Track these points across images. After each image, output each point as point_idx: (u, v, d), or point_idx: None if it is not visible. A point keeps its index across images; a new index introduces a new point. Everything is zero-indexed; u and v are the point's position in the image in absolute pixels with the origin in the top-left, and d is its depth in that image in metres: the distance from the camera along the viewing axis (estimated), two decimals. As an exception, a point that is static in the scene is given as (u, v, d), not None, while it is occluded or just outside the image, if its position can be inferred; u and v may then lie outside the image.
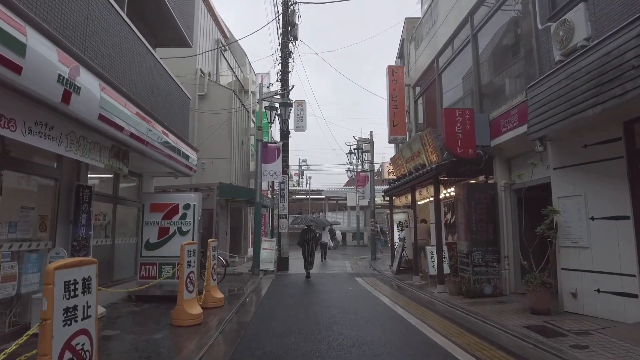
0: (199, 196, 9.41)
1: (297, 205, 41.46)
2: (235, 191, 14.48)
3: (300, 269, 14.68)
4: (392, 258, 13.97)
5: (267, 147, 13.84)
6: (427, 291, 9.51)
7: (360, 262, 18.49)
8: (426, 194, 10.99)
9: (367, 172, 20.33)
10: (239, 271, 13.65)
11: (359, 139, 19.84)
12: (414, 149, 11.67)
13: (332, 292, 9.70)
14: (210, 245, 8.18)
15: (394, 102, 15.24)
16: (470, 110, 9.16)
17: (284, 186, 14.67)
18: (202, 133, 15.44)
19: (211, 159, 15.42)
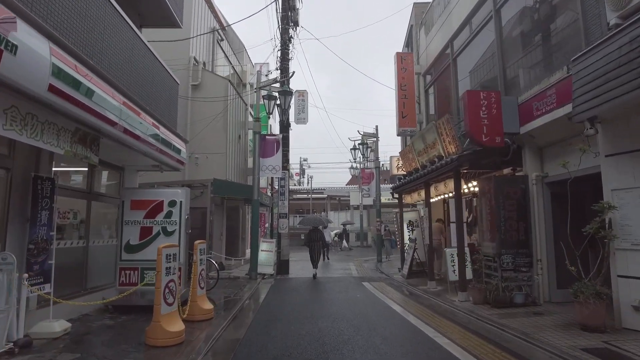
0: (187, 192, 8.29)
1: (298, 204, 40.36)
2: (231, 188, 13.36)
3: (301, 273, 13.55)
4: (402, 261, 12.83)
5: (266, 139, 12.71)
6: (447, 299, 8.36)
7: (365, 264, 17.34)
8: (443, 189, 9.84)
9: (373, 169, 19.18)
10: (235, 275, 12.52)
11: (363, 133, 18.71)
12: (428, 140, 10.52)
13: (338, 301, 8.56)
14: (197, 247, 7.04)
15: (403, 91, 14.10)
16: (496, 92, 8.01)
17: (284, 183, 13.54)
18: (196, 125, 14.32)
19: (205, 153, 14.29)
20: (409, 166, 12.56)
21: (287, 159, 13.71)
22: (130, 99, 6.63)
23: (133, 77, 7.43)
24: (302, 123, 16.14)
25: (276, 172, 12.44)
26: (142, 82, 7.86)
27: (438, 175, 9.42)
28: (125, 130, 6.25)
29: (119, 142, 6.40)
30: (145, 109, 7.28)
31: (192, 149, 14.34)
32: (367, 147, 18.92)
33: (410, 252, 12.10)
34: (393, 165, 13.96)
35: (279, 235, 13.61)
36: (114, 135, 6.04)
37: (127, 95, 6.48)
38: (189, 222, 8.32)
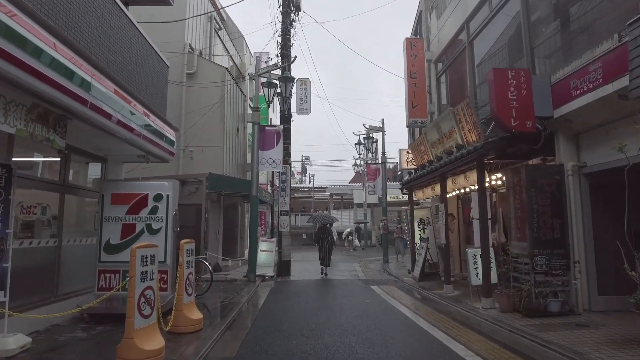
0: (174, 185, 7.34)
1: (300, 203, 39.45)
2: (228, 183, 12.41)
3: (304, 275, 12.61)
4: (412, 261, 11.87)
5: (265, 130, 11.75)
6: (468, 306, 7.40)
7: (371, 265, 16.38)
8: (463, 183, 8.86)
9: (379, 165, 18.22)
10: (232, 277, 11.56)
11: (369, 127, 17.73)
12: (443, 128, 9.55)
13: (346, 308, 7.60)
14: (183, 248, 6.08)
15: (413, 80, 13.13)
16: (526, 70, 7.04)
17: (285, 178, 12.58)
18: (191, 117, 13.38)
19: (201, 146, 13.35)
20: (420, 159, 11.59)
21: (288, 153, 12.76)
22: (105, 73, 5.68)
23: (111, 53, 6.48)
24: (304, 114, 15.17)
25: (276, 166, 11.49)
26: (123, 59, 6.91)
27: (457, 166, 8.45)
28: (98, 109, 5.30)
29: (92, 124, 5.46)
30: (126, 87, 6.33)
31: (186, 142, 13.43)
32: (372, 141, 17.95)
33: (422, 252, 11.13)
34: (402, 159, 13.00)
35: (279, 234, 12.66)
36: (84, 115, 5.10)
37: (101, 69, 5.53)
38: (178, 218, 7.37)
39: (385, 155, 17.83)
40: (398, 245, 16.96)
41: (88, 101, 5.01)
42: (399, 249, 16.89)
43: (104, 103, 5.43)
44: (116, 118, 5.79)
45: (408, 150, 12.99)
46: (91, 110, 5.11)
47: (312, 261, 17.75)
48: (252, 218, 11.39)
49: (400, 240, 16.72)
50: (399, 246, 16.86)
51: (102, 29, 6.14)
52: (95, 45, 5.90)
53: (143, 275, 4.77)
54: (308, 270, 14.20)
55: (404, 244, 15.56)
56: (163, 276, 6.89)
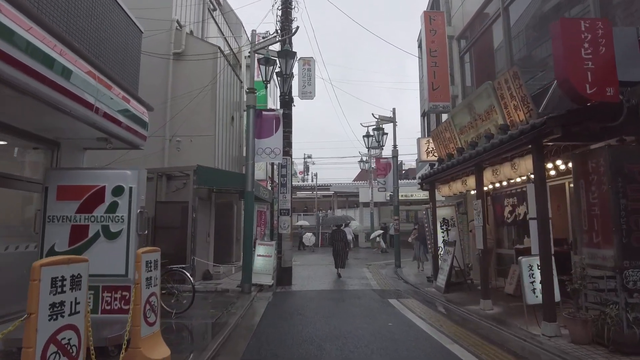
0: (140, 175, 5.65)
1: (302, 202, 37.70)
2: (220, 177, 10.70)
3: (307, 283, 10.93)
4: (434, 269, 10.13)
5: (263, 115, 10.05)
6: (522, 331, 5.68)
7: (382, 270, 14.65)
8: (509, 173, 7.07)
9: (389, 159, 16.49)
10: (224, 287, 9.86)
11: (379, 117, 16.00)
12: (478, 108, 7.84)
13: (363, 336, 5.87)
14: (140, 259, 4.36)
15: (433, 58, 11.41)
16: (605, 21, 5.32)
17: (286, 171, 10.88)
18: (178, 102, 11.68)
19: (189, 136, 11.65)
20: (444, 149, 9.87)
21: (289, 143, 11.05)
22: (45, 26, 4.00)
23: (57, 6, 4.79)
24: (308, 98, 13.41)
25: (275, 156, 9.78)
26: (76, 14, 5.22)
27: (499, 153, 6.72)
28: (34, 72, 3.63)
29: (18, 88, 3.77)
30: (74, 46, 4.64)
31: (173, 131, 11.73)
32: (382, 133, 16.21)
33: (447, 258, 9.40)
34: (421, 149, 11.29)
35: (279, 236, 10.96)
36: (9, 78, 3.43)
37: (36, 19, 3.84)
38: (145, 218, 5.68)
39: (397, 148, 16.11)
40: (417, 251, 13.70)
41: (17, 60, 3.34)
42: (419, 254, 13.54)
43: (37, 62, 3.76)
44: (56, 82, 4.11)
45: (428, 139, 11.28)
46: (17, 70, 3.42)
47: (316, 265, 16.05)
48: (247, 218, 9.68)
49: (419, 244, 13.58)
50: (418, 251, 13.59)
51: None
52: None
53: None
54: (312, 277, 12.49)
55: (424, 249, 13.04)
56: (124, 294, 5.26)
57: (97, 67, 5.34)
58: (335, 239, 13.23)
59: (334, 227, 13.94)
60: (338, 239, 13.14)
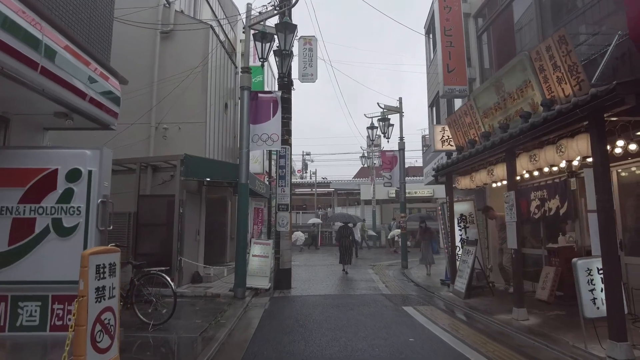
0: (103, 155, 4.52)
1: (301, 200, 36.63)
2: (210, 168, 9.55)
3: (308, 287, 9.83)
4: (451, 270, 9.02)
5: (259, 98, 8.92)
6: (579, 351, 4.57)
7: (388, 271, 13.54)
8: (554, 158, 5.87)
9: (395, 152, 15.38)
10: (215, 292, 8.73)
11: (384, 106, 14.89)
12: (508, 85, 6.74)
13: (380, 356, 4.75)
14: (87, 262, 3.19)
15: (448, 38, 10.29)
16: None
17: (285, 162, 9.75)
18: (165, 86, 10.52)
19: (177, 123, 10.51)
20: (463, 136, 8.76)
21: (288, 130, 9.92)
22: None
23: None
24: (309, 81, 12.24)
25: (273, 144, 8.64)
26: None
27: (542, 134, 5.60)
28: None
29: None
30: None
31: (159, 117, 10.59)
32: (388, 124, 15.09)
33: (467, 259, 8.29)
34: (435, 138, 10.17)
35: (277, 234, 9.82)
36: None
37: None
38: (109, 210, 4.56)
39: (404, 140, 15.00)
40: (426, 252, 12.00)
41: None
42: (427, 256, 11.93)
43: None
44: None
45: (442, 127, 10.17)
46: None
47: (317, 266, 14.93)
48: (241, 214, 8.55)
49: (427, 245, 11.97)
50: (426, 253, 11.94)
51: None
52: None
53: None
54: (313, 279, 11.37)
55: (433, 249, 11.99)
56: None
57: (48, 19, 4.19)
58: (342, 236, 13.28)
59: (341, 224, 13.90)
60: (345, 235, 13.17)
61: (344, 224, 13.91)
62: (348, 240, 13.18)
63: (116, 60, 10.49)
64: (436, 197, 25.40)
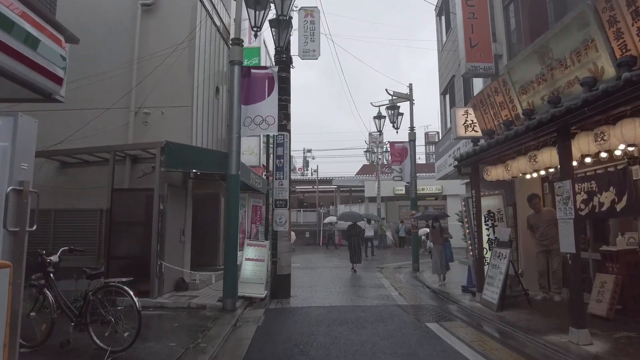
0: (19, 124, 3.18)
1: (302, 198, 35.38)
2: (196, 157, 8.20)
3: (310, 295, 8.55)
4: (478, 277, 7.69)
5: (252, 75, 7.61)
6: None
7: (399, 275, 12.26)
8: (635, 134, 4.49)
9: (405, 143, 14.05)
10: (200, 302, 7.43)
11: (393, 93, 13.56)
12: (559, 50, 5.43)
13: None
14: None
15: (470, 8, 8.96)
16: None
17: (283, 151, 8.43)
18: (146, 65, 9.20)
19: (160, 107, 9.18)
20: (493, 118, 7.44)
21: (287, 114, 8.60)
22: None
23: None
24: (310, 57, 10.83)
25: (268, 127, 7.32)
26: None
27: (616, 104, 4.27)
28: None
29: None
30: None
31: (139, 100, 9.27)
32: (397, 112, 13.77)
33: (500, 264, 6.97)
34: (457, 123, 8.79)
35: (274, 234, 8.51)
36: None
37: None
38: (28, 203, 3.24)
39: (414, 130, 13.67)
40: (437, 258, 9.69)
41: None
42: (439, 262, 9.63)
43: None
44: None
45: (465, 110, 8.81)
46: None
47: (320, 269, 13.63)
48: (230, 210, 7.25)
49: (439, 250, 9.72)
50: (440, 260, 9.62)
51: None
52: None
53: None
54: (316, 285, 10.05)
55: (447, 255, 9.69)
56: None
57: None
58: (352, 234, 13.20)
59: (350, 223, 13.88)
60: (355, 234, 13.10)
61: (353, 222, 13.75)
62: (358, 239, 13.09)
63: (91, 37, 9.24)
64: (445, 193, 24.06)
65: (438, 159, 14.79)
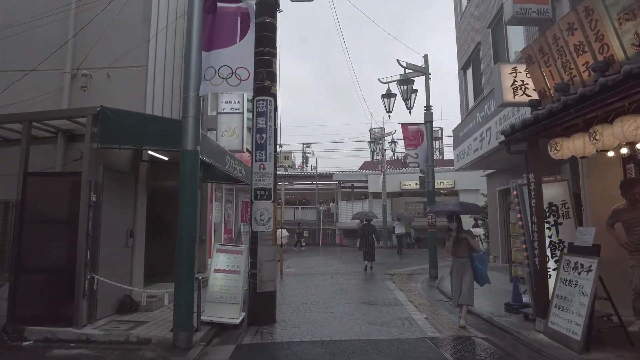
0: None
1: (300, 194, 33.19)
2: (144, 129, 5.86)
3: (307, 318, 6.19)
4: (537, 296, 5.42)
5: (218, 9, 5.34)
6: None
7: (415, 284, 10.03)
8: None
9: (420, 125, 11.76)
10: (143, 335, 5.19)
11: (406, 65, 11.28)
12: None
13: None
14: None
15: None
16: None
17: (265, 121, 6.17)
18: (86, 12, 6.92)
19: (104, 68, 6.91)
20: (561, 69, 5.18)
21: (272, 74, 6.34)
22: None
23: None
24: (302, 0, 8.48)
25: (239, 83, 5.02)
26: None
27: None
28: None
29: None
30: None
31: (77, 60, 7.03)
32: (411, 88, 11.50)
33: (582, 281, 4.70)
34: (503, 84, 6.50)
35: (254, 237, 6.22)
36: None
37: None
38: None
39: (431, 109, 11.40)
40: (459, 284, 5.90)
41: None
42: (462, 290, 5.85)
43: None
44: None
45: (513, 67, 6.49)
46: None
47: (317, 276, 11.35)
48: (183, 203, 4.99)
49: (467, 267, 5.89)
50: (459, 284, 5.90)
51: None
52: None
53: None
54: (313, 301, 7.76)
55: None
56: None
57: None
58: (365, 233, 13.22)
59: (364, 222, 13.86)
60: (367, 232, 13.10)
61: (366, 221, 13.72)
62: (371, 237, 12.98)
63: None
64: (457, 188, 21.78)
65: (457, 146, 12.51)
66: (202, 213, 10.17)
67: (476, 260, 5.89)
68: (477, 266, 5.86)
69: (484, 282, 6.01)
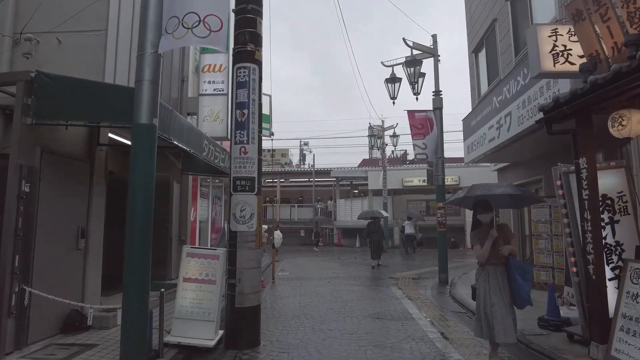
0: None
1: (297, 191, 31.99)
2: (100, 100, 4.64)
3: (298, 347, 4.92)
4: (590, 311, 4.26)
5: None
6: None
7: (424, 290, 8.87)
8: None
9: (428, 112, 10.57)
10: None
11: (413, 44, 10.09)
12: None
13: None
14: None
15: None
16: None
17: (247, 95, 4.97)
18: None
19: (53, 32, 5.68)
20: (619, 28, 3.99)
21: (255, 35, 5.14)
22: None
23: None
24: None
25: (209, 35, 3.79)
26: None
27: None
28: None
29: None
30: None
31: (19, 23, 5.81)
32: (419, 71, 10.31)
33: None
34: (541, 49, 5.36)
35: (233, 238, 5.01)
36: None
37: None
38: None
39: (441, 94, 10.23)
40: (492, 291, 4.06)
41: None
42: (501, 305, 4.01)
43: None
44: None
45: (553, 29, 5.29)
46: None
47: (314, 280, 10.12)
48: (134, 194, 3.77)
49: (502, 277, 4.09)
50: (497, 297, 4.03)
51: None
52: None
53: None
54: (307, 314, 6.57)
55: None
56: None
57: None
58: (371, 231, 13.30)
59: (370, 220, 13.98)
60: (374, 231, 13.23)
61: (373, 219, 13.89)
62: (377, 235, 13.11)
63: None
64: (463, 185, 20.59)
65: (468, 137, 11.33)
66: (182, 210, 8.99)
67: (515, 270, 4.01)
68: (516, 279, 3.98)
69: (524, 303, 4.06)
